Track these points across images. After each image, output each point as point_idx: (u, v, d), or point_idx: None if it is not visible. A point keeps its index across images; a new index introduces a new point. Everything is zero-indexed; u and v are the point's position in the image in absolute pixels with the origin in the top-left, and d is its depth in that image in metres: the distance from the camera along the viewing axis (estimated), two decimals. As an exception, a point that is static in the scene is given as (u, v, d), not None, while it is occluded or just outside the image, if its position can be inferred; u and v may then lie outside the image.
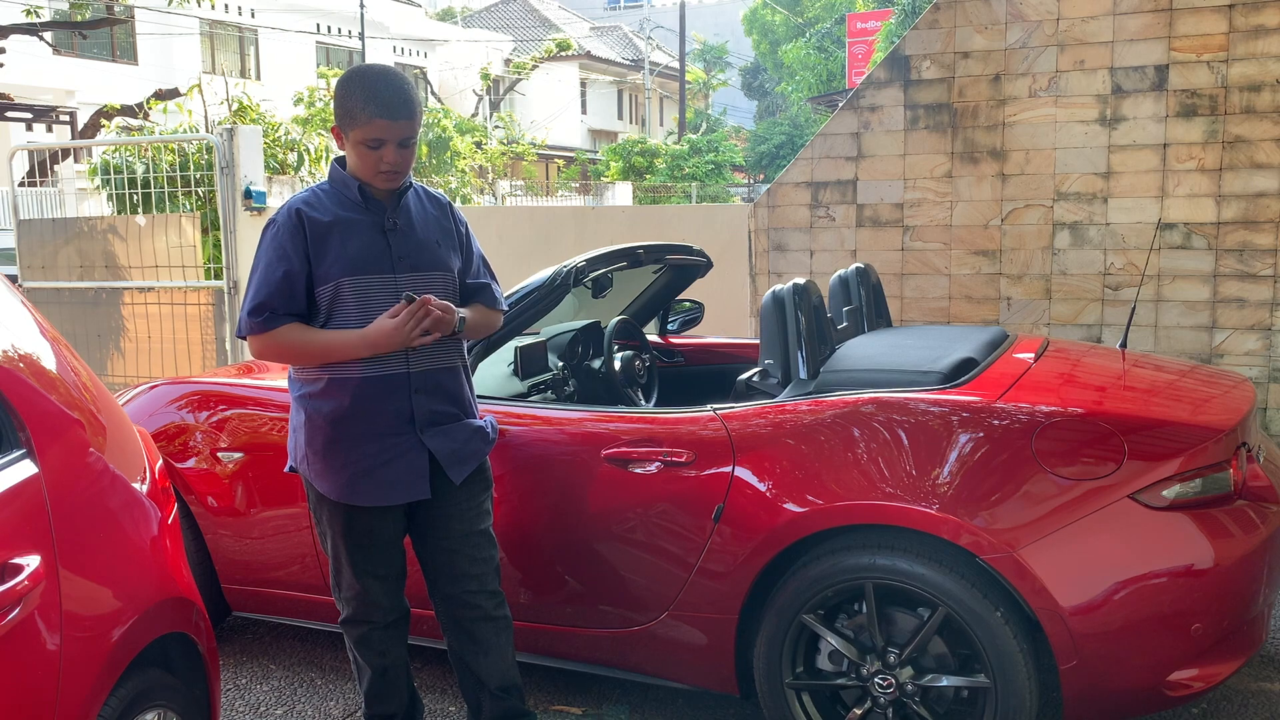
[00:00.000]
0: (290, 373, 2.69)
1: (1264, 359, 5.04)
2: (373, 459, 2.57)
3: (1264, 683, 3.24)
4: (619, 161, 28.03)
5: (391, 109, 2.47)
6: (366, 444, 2.57)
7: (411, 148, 2.55)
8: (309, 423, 2.60)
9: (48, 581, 1.82)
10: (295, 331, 2.54)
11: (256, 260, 2.57)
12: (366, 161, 2.53)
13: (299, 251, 2.51)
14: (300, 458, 2.65)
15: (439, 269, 2.64)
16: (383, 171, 2.53)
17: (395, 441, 2.58)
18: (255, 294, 2.53)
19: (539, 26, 39.34)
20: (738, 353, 4.24)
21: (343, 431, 2.57)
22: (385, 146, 2.50)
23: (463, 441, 2.67)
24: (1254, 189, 4.98)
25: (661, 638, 2.92)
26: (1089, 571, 2.51)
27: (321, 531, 2.71)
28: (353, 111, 2.49)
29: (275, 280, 2.51)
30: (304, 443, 2.62)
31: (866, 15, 28.48)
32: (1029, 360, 3.16)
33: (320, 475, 2.61)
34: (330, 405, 2.56)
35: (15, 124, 16.78)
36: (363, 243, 2.55)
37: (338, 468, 2.58)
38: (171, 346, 6.57)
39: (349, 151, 2.56)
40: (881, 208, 5.70)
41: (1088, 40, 5.19)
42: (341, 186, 2.60)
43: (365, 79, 2.52)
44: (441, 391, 2.65)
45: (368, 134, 2.48)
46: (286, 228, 2.53)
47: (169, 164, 7.11)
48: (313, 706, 3.30)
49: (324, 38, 29.27)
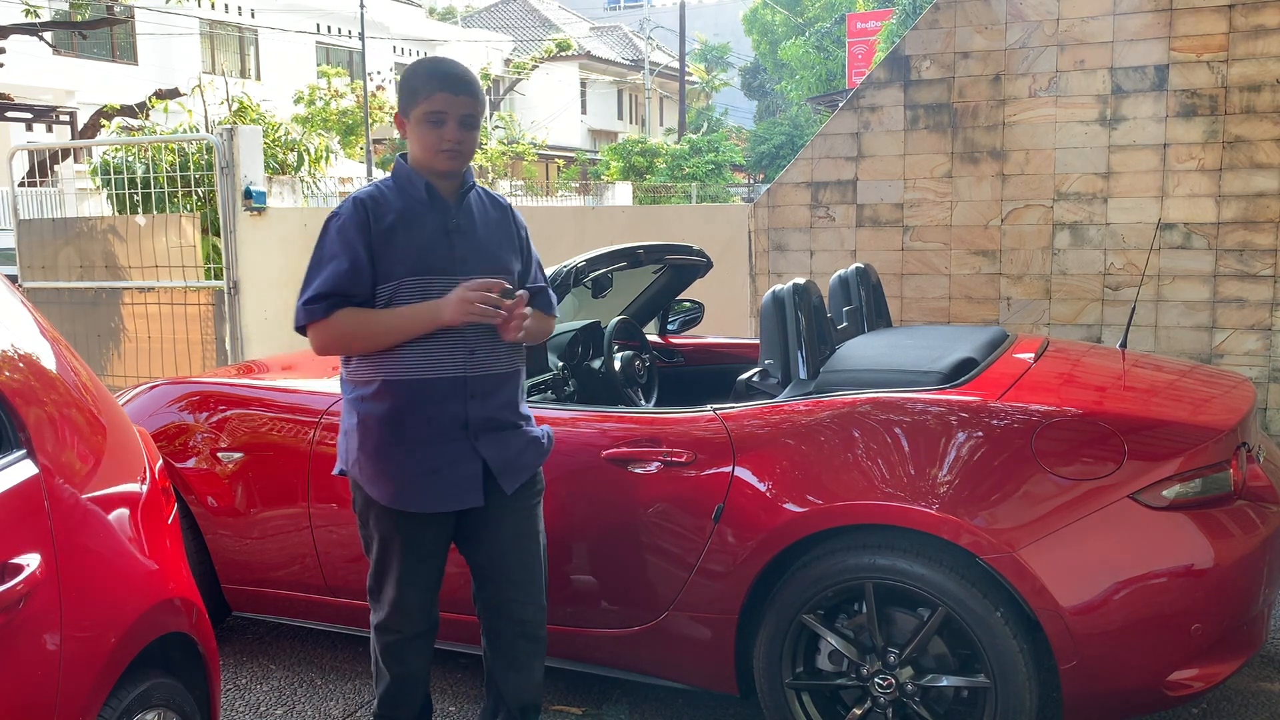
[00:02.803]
0: (342, 374, 2.62)
1: (1264, 359, 5.04)
2: (426, 464, 2.51)
3: (1264, 683, 3.24)
4: (619, 161, 28.05)
5: (453, 83, 2.49)
6: (420, 448, 2.51)
7: (474, 131, 2.54)
8: (361, 425, 2.54)
9: (48, 581, 1.82)
10: (355, 314, 2.49)
11: (319, 252, 2.51)
12: (429, 140, 2.50)
13: (364, 245, 2.47)
14: (351, 461, 2.59)
15: (501, 271, 2.60)
16: (444, 150, 2.50)
17: (449, 447, 2.53)
18: (317, 285, 2.48)
19: (539, 26, 39.36)
20: (738, 353, 4.23)
21: (396, 435, 2.51)
22: (448, 123, 2.48)
23: (516, 452, 2.61)
24: (1254, 189, 4.98)
25: (662, 638, 2.92)
26: (1089, 571, 2.51)
27: (367, 536, 2.64)
28: (415, 88, 2.49)
29: (340, 273, 2.46)
30: (355, 446, 2.56)
31: (866, 15, 28.48)
32: (1029, 360, 3.16)
33: (371, 479, 2.54)
34: (383, 408, 2.51)
35: (15, 124, 16.77)
36: (428, 242, 2.52)
37: (390, 472, 2.52)
38: (171, 346, 6.57)
39: (412, 136, 2.53)
40: (881, 208, 5.70)
41: (1088, 40, 5.19)
42: (406, 183, 2.56)
43: (428, 60, 2.56)
44: (498, 397, 2.58)
45: (430, 106, 2.47)
46: (352, 221, 2.48)
47: (169, 164, 7.12)
48: (313, 706, 3.30)
49: (324, 38, 29.27)
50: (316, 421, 3.33)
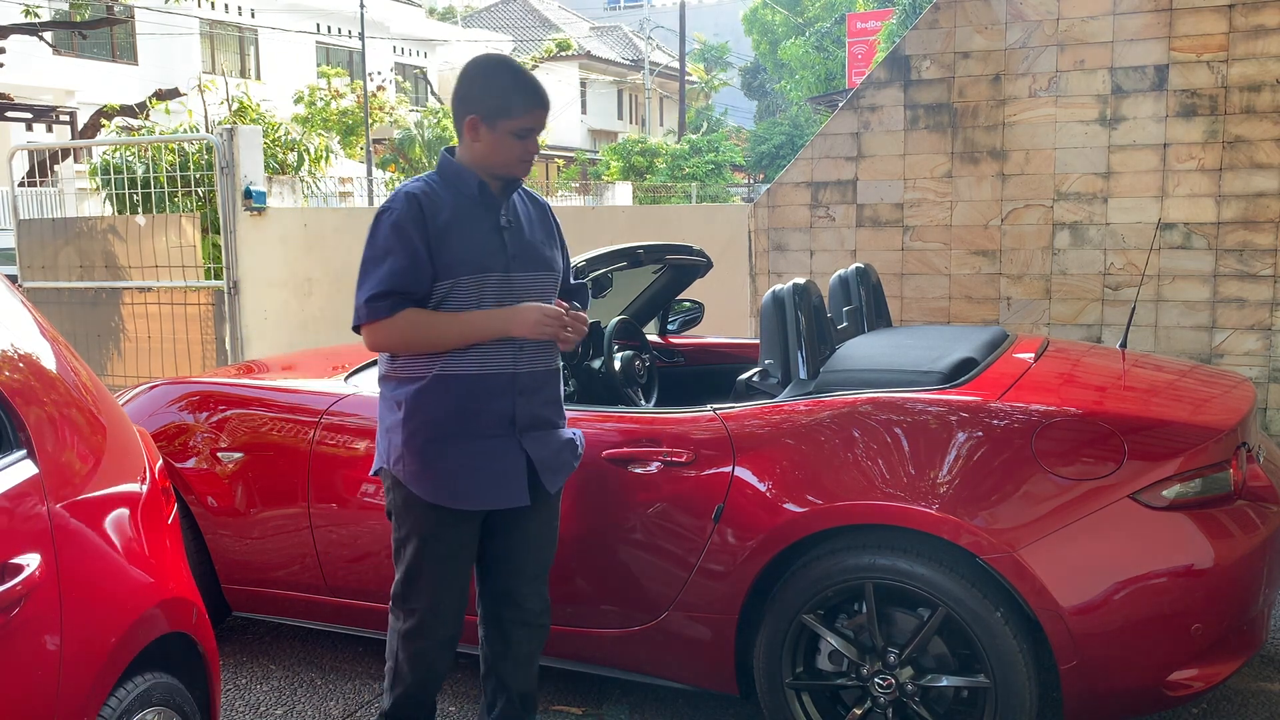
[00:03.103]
0: (384, 370, 2.60)
1: (1264, 359, 5.04)
2: (475, 460, 2.51)
3: (1264, 683, 3.24)
4: (619, 161, 28.05)
5: (542, 99, 2.53)
6: (468, 444, 2.51)
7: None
8: (408, 420, 2.51)
9: (47, 582, 1.82)
10: (420, 314, 2.47)
11: (375, 248, 2.48)
12: (510, 151, 2.52)
13: (422, 241, 2.46)
14: (394, 458, 2.54)
15: (548, 269, 2.63)
16: (524, 160, 2.54)
17: (496, 444, 2.53)
18: (379, 282, 2.45)
19: (539, 26, 39.35)
20: (738, 353, 4.23)
21: (445, 430, 2.50)
22: (532, 136, 2.52)
23: (556, 450, 2.62)
24: (1254, 189, 4.98)
25: (662, 638, 2.92)
26: (1089, 571, 2.51)
27: (402, 538, 2.59)
28: (509, 104, 2.49)
29: (400, 269, 2.44)
30: (400, 441, 2.52)
31: (866, 15, 28.48)
32: (1029, 360, 3.16)
33: (417, 476, 2.51)
34: (434, 402, 2.49)
35: (15, 124, 16.78)
36: (482, 239, 2.52)
37: (440, 468, 2.50)
38: (171, 346, 6.57)
39: (489, 143, 2.51)
40: (881, 208, 5.70)
41: (1088, 40, 5.19)
42: (456, 180, 2.56)
43: (512, 71, 2.54)
44: (543, 394, 2.61)
45: (524, 124, 2.50)
46: (408, 216, 2.46)
47: (169, 164, 7.12)
48: (313, 706, 3.30)
49: (324, 38, 29.27)
50: (316, 421, 3.33)
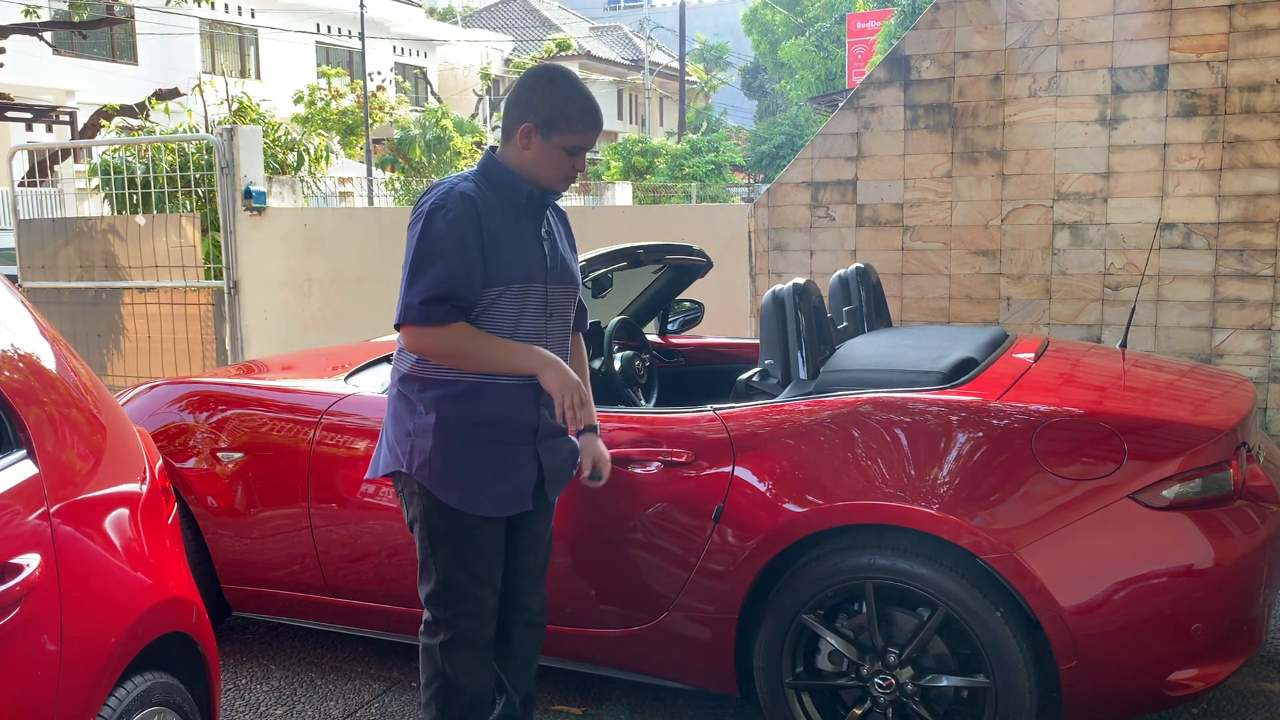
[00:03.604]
0: (408, 369, 2.53)
1: (1264, 359, 5.04)
2: (501, 468, 2.50)
3: (1264, 683, 3.24)
4: (619, 161, 28.03)
5: (599, 120, 2.51)
6: (498, 451, 2.49)
7: None
8: (441, 427, 2.47)
9: (47, 582, 1.82)
10: (471, 332, 2.44)
11: (429, 245, 2.41)
12: (558, 166, 2.48)
13: (478, 246, 2.41)
14: (418, 464, 2.48)
15: (575, 282, 2.63)
16: (568, 176, 2.51)
17: (520, 451, 2.52)
18: (435, 283, 2.38)
19: (539, 26, 39.35)
20: (738, 353, 4.23)
21: (479, 436, 2.47)
22: (581, 154, 2.50)
23: (561, 460, 2.62)
24: (1254, 189, 4.98)
25: (662, 638, 2.92)
26: (1089, 571, 2.51)
27: (431, 544, 2.53)
28: (569, 118, 2.45)
29: (454, 274, 2.39)
30: (429, 447, 2.47)
31: (866, 15, 28.49)
32: (1029, 360, 3.16)
33: (445, 482, 2.47)
34: (471, 410, 2.46)
35: (15, 124, 16.78)
36: (528, 249, 2.50)
37: (468, 475, 2.47)
38: (171, 346, 6.57)
39: (537, 154, 2.48)
40: (881, 208, 5.70)
41: (1088, 40, 5.19)
42: (506, 186, 2.50)
43: (574, 85, 2.50)
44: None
45: (578, 141, 2.47)
46: (465, 218, 2.41)
47: (169, 164, 7.12)
48: (313, 706, 3.30)
49: (324, 38, 29.27)
50: (316, 421, 3.32)
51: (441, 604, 2.55)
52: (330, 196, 9.49)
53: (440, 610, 2.56)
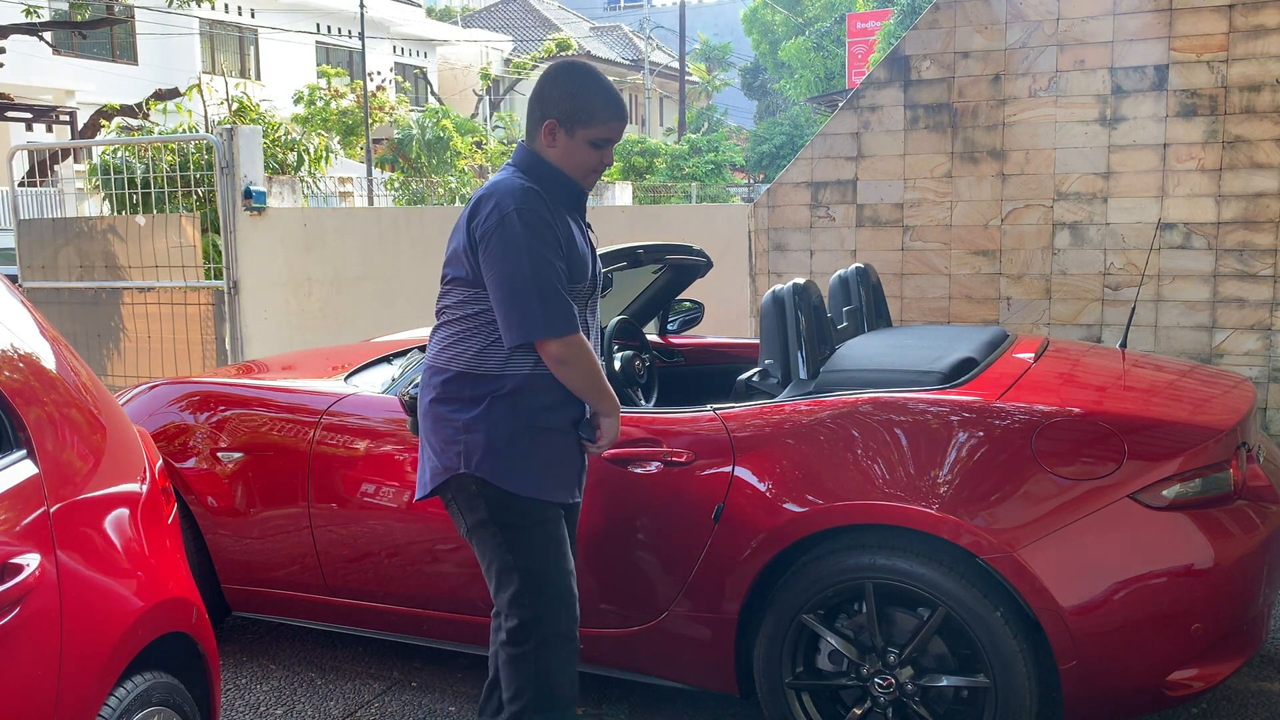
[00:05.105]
0: (463, 366, 2.46)
1: (1264, 359, 5.04)
2: (556, 454, 2.51)
3: (1264, 683, 3.24)
4: (619, 161, 28.02)
5: (623, 110, 2.51)
6: (552, 438, 2.49)
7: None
8: (492, 417, 2.42)
9: (47, 581, 1.82)
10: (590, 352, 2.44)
11: (525, 251, 2.35)
12: (587, 160, 2.48)
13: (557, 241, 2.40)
14: (476, 459, 2.42)
15: (601, 283, 2.65)
16: (596, 170, 2.50)
17: (570, 439, 2.54)
18: (550, 290, 2.35)
19: (539, 26, 39.33)
20: (738, 353, 4.23)
21: (533, 423, 2.45)
22: (608, 147, 2.49)
23: (585, 457, 2.66)
24: (1254, 189, 4.98)
25: (662, 637, 2.92)
26: (1089, 571, 2.51)
27: (506, 541, 2.46)
28: (593, 110, 2.44)
29: (557, 276, 2.38)
30: (484, 441, 2.42)
31: (866, 15, 28.48)
32: (1029, 360, 3.16)
33: (509, 470, 2.43)
34: (522, 401, 2.44)
35: (15, 124, 16.78)
36: (583, 249, 2.50)
37: (528, 461, 2.44)
38: (171, 346, 6.57)
39: (566, 150, 2.46)
40: (881, 208, 5.70)
41: (1088, 40, 5.19)
42: (558, 186, 2.48)
43: (595, 78, 2.49)
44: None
45: (603, 133, 2.46)
46: (543, 217, 2.38)
47: (169, 164, 7.12)
48: (313, 706, 3.30)
49: (324, 38, 29.26)
50: (316, 421, 3.33)
51: (530, 602, 2.45)
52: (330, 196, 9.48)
53: (528, 610, 2.45)
